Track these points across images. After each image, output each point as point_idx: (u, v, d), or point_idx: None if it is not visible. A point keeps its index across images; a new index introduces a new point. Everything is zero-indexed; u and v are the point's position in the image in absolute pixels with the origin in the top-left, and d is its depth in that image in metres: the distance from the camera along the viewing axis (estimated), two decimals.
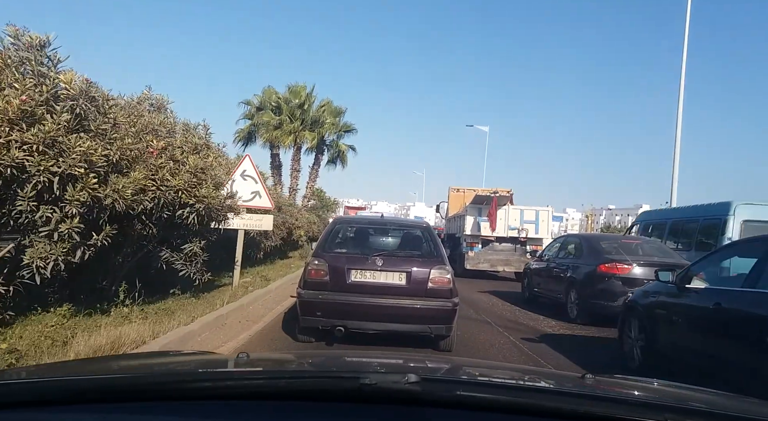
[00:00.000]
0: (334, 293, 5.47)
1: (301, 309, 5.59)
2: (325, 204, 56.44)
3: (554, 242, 10.99)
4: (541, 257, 10.78)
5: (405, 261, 5.68)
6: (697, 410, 1.33)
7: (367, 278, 5.52)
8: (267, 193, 10.37)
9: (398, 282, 5.49)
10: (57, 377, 1.45)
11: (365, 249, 6.09)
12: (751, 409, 1.48)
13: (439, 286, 5.49)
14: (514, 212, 15.60)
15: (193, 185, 7.32)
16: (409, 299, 5.43)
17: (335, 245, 6.20)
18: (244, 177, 10.24)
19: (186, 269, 7.83)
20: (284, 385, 1.30)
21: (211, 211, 7.66)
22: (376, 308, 5.36)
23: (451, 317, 5.47)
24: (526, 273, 11.44)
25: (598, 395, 1.38)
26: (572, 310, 8.89)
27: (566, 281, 9.19)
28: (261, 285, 10.44)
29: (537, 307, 10.35)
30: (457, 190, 20.04)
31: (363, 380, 1.16)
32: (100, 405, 1.21)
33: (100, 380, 1.38)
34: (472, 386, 1.42)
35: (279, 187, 29.03)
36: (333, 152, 30.27)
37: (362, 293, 5.44)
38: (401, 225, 7.59)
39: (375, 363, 1.88)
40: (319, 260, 5.65)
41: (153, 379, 1.42)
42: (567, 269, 9.29)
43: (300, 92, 27.29)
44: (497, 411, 1.19)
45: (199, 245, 7.97)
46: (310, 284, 5.57)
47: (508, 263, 15.70)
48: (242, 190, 10.14)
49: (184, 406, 1.21)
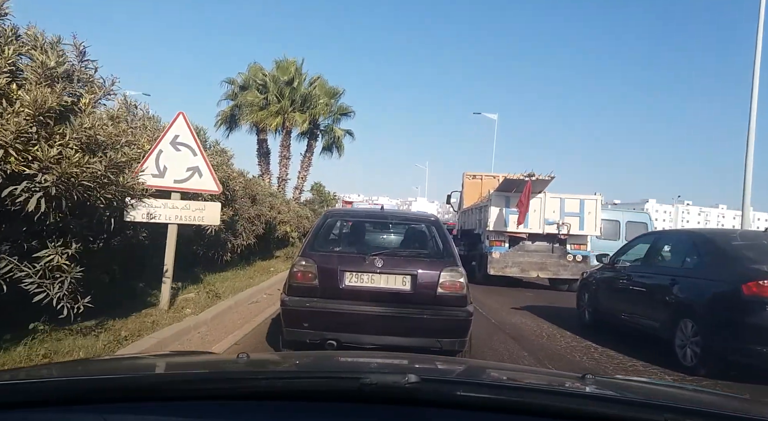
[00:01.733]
0: (324, 300, 4.84)
1: (285, 319, 4.93)
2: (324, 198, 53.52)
3: (636, 241, 7.57)
4: (614, 262, 7.37)
5: (410, 262, 5.01)
6: (697, 411, 1.30)
7: (364, 282, 4.89)
8: (211, 170, 7.00)
9: (401, 287, 4.87)
10: (57, 377, 1.47)
11: (362, 247, 5.49)
12: (750, 409, 1.48)
13: (450, 291, 4.82)
14: (552, 202, 12.15)
15: (29, 141, 3.99)
16: (415, 308, 4.78)
17: (326, 243, 5.56)
18: (177, 146, 6.89)
19: (46, 291, 4.59)
20: (284, 385, 1.31)
21: (75, 189, 4.34)
22: (374, 318, 4.76)
23: (464, 328, 4.81)
24: (586, 286, 8.06)
25: (598, 395, 1.39)
26: (686, 353, 5.55)
27: (672, 306, 5.84)
28: (204, 305, 7.09)
29: (611, 339, 7.02)
30: (474, 176, 16.63)
31: (363, 380, 1.16)
32: (100, 405, 1.21)
33: (100, 380, 1.39)
34: (472, 386, 1.38)
35: (267, 178, 25.75)
36: (328, 138, 26.89)
37: (358, 300, 4.82)
38: (405, 219, 6.73)
39: (375, 363, 1.88)
40: (306, 260, 4.96)
41: (153, 379, 1.43)
42: (672, 285, 5.91)
43: (288, 68, 23.87)
44: (497, 411, 1.19)
45: (70, 251, 4.71)
46: (295, 289, 4.91)
47: (544, 268, 12.31)
48: (174, 166, 6.83)
49: (184, 406, 1.21)
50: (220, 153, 10.38)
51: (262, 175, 25.55)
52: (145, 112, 7.36)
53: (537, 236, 12.28)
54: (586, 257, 12.32)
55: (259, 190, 13.72)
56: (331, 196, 58.43)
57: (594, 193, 12.29)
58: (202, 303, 7.33)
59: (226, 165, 9.85)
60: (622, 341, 6.72)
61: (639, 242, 7.42)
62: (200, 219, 6.98)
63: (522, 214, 11.44)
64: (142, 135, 6.95)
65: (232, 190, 10.01)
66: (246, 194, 12.31)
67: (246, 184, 12.05)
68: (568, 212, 12.08)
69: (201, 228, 9.20)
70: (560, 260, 12.26)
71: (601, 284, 7.47)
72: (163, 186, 6.80)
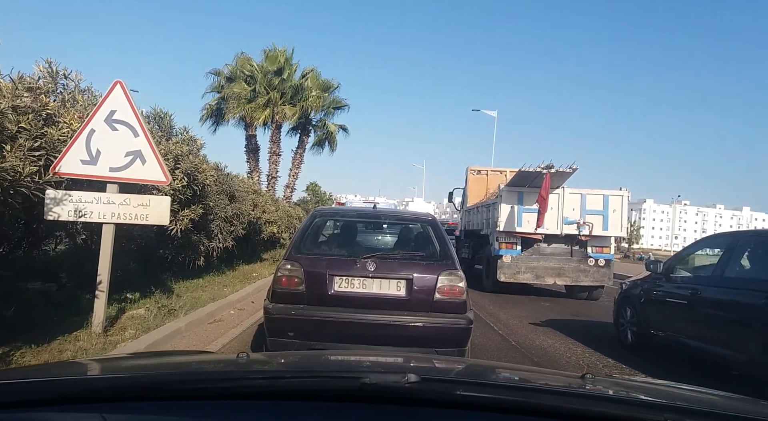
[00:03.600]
0: (311, 308, 4.45)
1: (269, 328, 4.56)
2: (320, 199, 52.08)
3: (697, 245, 6.03)
4: (668, 271, 5.85)
5: (404, 265, 4.60)
6: (697, 410, 1.31)
7: (354, 288, 4.51)
8: (157, 156, 5.50)
9: (396, 292, 4.50)
10: (56, 377, 1.45)
11: (353, 249, 5.08)
12: (751, 409, 1.46)
13: (449, 297, 4.44)
14: (571, 198, 10.63)
15: None
16: (411, 315, 4.38)
17: (314, 245, 5.18)
18: (113, 124, 5.38)
19: None
20: (284, 385, 1.30)
21: None
22: (366, 327, 4.34)
23: (464, 337, 4.45)
24: (628, 300, 6.55)
25: (598, 395, 1.38)
26: None
27: (762, 333, 4.35)
28: (150, 326, 5.58)
29: (670, 368, 5.56)
30: (478, 171, 15.10)
31: (363, 380, 1.16)
32: (100, 405, 1.20)
33: (99, 380, 1.40)
34: (472, 386, 1.36)
35: (256, 175, 24.21)
36: (321, 134, 25.35)
37: (348, 307, 4.43)
38: (399, 219, 6.23)
39: (375, 363, 1.86)
40: (291, 263, 4.58)
41: (153, 379, 1.41)
42: (761, 306, 4.41)
43: (278, 58, 22.30)
44: (497, 411, 1.19)
45: None
46: (280, 296, 4.53)
47: (562, 273, 10.79)
48: (109, 150, 5.37)
49: (184, 406, 1.21)
50: (188, 141, 8.85)
51: (251, 173, 24.01)
52: (77, 83, 5.83)
53: (554, 238, 10.77)
54: (610, 262, 10.85)
55: (238, 186, 12.18)
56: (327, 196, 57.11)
57: (619, 188, 10.80)
58: (151, 323, 5.83)
59: (193, 154, 8.32)
60: (688, 374, 5.23)
61: (703, 246, 5.91)
62: (143, 217, 5.45)
63: (542, 213, 9.93)
64: (69, 112, 5.45)
65: (201, 185, 8.50)
66: (222, 190, 10.81)
67: (220, 178, 10.53)
68: (590, 209, 10.56)
69: (164, 228, 7.74)
70: (580, 265, 10.76)
71: (653, 298, 5.94)
72: (96, 175, 5.32)
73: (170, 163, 7.42)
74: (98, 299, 5.34)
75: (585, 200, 10.56)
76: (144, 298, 7.08)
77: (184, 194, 7.71)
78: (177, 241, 8.71)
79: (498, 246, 10.94)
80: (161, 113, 8.56)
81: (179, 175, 7.48)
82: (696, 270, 5.63)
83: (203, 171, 8.65)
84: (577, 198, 10.58)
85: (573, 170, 9.90)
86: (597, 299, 11.32)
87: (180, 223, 7.83)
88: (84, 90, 5.94)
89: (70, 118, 5.39)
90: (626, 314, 6.46)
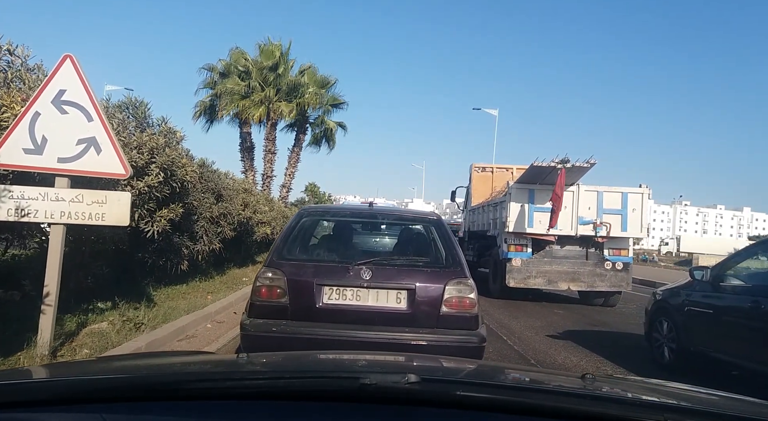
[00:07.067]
0: (296, 324, 3.92)
1: (246, 348, 3.97)
2: (319, 199, 51.31)
3: (751, 250, 5.15)
4: (717, 280, 5.00)
5: (406, 273, 4.11)
6: (697, 410, 1.30)
7: (347, 300, 4.00)
8: (114, 143, 4.65)
9: (395, 305, 3.99)
10: (56, 377, 1.46)
11: (346, 254, 4.52)
12: (751, 409, 1.44)
13: (458, 310, 3.95)
14: (587, 196, 9.78)
15: None
16: (413, 332, 3.88)
17: (300, 249, 4.59)
18: (62, 106, 4.54)
19: None
20: (284, 385, 1.28)
21: None
22: (360, 346, 3.80)
23: (476, 358, 3.79)
24: (664, 312, 5.69)
25: (598, 395, 1.35)
26: None
27: None
28: (108, 345, 4.75)
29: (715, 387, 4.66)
30: (483, 169, 14.26)
31: (363, 380, 1.15)
32: (100, 405, 1.19)
33: (100, 380, 1.38)
34: (472, 386, 1.37)
35: (251, 174, 23.39)
36: (318, 131, 24.51)
37: (340, 323, 3.92)
38: (399, 218, 5.41)
39: (375, 363, 1.84)
40: (273, 271, 4.04)
41: (153, 379, 1.40)
42: None
43: (273, 52, 21.48)
44: (497, 411, 1.17)
45: None
46: (259, 309, 4.01)
47: (576, 278, 9.93)
48: (58, 137, 4.56)
49: (184, 406, 1.20)
50: (166, 133, 8.00)
51: (246, 172, 23.20)
52: (24, 60, 5.00)
53: (568, 239, 9.93)
54: (629, 265, 10.01)
55: (226, 184, 11.34)
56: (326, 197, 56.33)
57: (639, 186, 9.96)
58: (112, 339, 5.00)
59: (171, 147, 7.47)
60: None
61: (758, 251, 5.06)
62: (99, 217, 4.60)
63: (556, 212, 9.08)
64: (10, 93, 4.61)
65: (180, 182, 7.65)
66: (207, 188, 9.97)
67: (206, 175, 9.69)
68: (608, 208, 9.71)
69: (140, 229, 6.91)
70: (596, 269, 9.91)
71: (697, 310, 5.09)
72: (41, 167, 4.50)
73: (145, 157, 6.59)
74: (44, 315, 4.48)
75: (602, 198, 9.72)
76: (116, 308, 6.26)
77: (161, 192, 6.87)
78: (157, 244, 7.90)
79: (507, 248, 10.10)
80: (136, 102, 7.73)
81: (154, 171, 6.65)
82: (752, 278, 4.78)
83: (183, 166, 7.79)
84: (593, 196, 9.75)
85: (591, 165, 9.06)
86: (614, 306, 10.49)
87: (157, 224, 6.99)
88: (33, 68, 5.09)
89: (11, 101, 4.58)
90: (662, 328, 5.61)
